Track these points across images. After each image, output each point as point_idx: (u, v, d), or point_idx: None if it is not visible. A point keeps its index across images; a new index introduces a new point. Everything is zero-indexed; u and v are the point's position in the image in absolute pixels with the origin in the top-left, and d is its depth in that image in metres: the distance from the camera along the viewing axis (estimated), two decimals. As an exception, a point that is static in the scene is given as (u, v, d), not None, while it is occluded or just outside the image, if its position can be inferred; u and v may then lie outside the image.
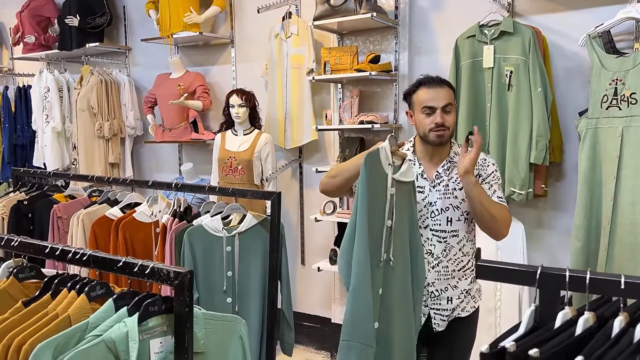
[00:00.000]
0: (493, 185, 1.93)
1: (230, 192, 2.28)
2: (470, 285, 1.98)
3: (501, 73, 2.69)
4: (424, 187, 1.94)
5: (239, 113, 3.35)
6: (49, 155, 4.52)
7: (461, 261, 1.95)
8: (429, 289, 1.95)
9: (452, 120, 1.91)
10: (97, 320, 1.15)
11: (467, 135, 1.89)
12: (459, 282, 1.95)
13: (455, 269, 1.94)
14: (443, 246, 1.93)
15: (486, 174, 1.94)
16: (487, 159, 1.97)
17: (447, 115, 1.89)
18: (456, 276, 1.95)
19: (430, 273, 1.94)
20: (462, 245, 1.94)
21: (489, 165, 1.95)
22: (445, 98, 1.89)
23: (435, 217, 1.93)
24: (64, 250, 1.29)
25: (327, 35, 3.53)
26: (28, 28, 4.80)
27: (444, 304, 1.95)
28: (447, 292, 1.95)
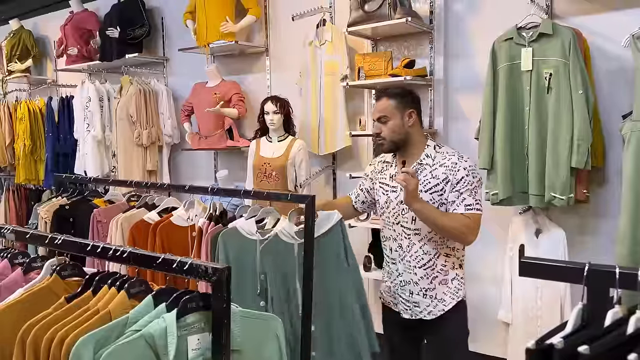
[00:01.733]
0: (463, 193, 1.99)
1: (265, 196, 2.29)
2: (431, 285, 2.08)
3: (540, 76, 2.64)
4: (396, 187, 2.11)
5: (274, 120, 3.38)
6: (89, 163, 4.65)
7: (422, 259, 2.08)
8: (399, 279, 2.15)
9: (387, 131, 2.07)
10: (136, 316, 1.16)
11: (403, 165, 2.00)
12: (420, 280, 2.09)
13: (416, 265, 2.08)
14: (407, 242, 2.10)
15: (455, 180, 2.00)
16: (458, 162, 2.02)
17: (383, 125, 2.07)
18: (418, 273, 2.09)
19: (400, 264, 2.14)
20: (423, 244, 2.07)
21: (459, 170, 2.00)
22: (379, 110, 2.09)
23: (405, 214, 2.08)
24: (104, 247, 1.32)
25: (361, 42, 3.53)
26: (71, 40, 4.98)
27: (406, 295, 2.13)
28: (409, 286, 2.11)
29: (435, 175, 2.03)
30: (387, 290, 2.26)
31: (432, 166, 2.05)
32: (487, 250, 3.20)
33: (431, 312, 2.10)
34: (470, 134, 3.12)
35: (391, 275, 2.20)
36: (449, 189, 2.00)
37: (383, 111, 2.08)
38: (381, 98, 2.10)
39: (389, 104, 2.07)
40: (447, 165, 2.02)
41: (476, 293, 3.26)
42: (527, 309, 2.91)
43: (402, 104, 2.08)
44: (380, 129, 2.08)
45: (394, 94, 2.10)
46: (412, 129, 2.09)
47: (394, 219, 2.13)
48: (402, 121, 2.07)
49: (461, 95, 3.22)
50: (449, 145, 3.25)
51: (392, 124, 2.07)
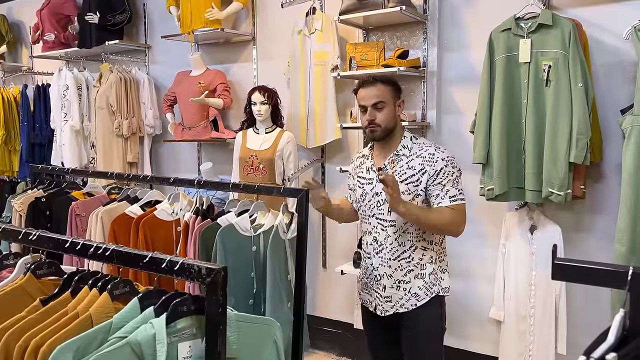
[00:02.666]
0: (446, 184, 1.98)
1: (256, 190, 2.19)
2: (405, 278, 2.06)
3: (539, 68, 2.56)
4: (372, 179, 2.10)
5: (261, 111, 3.26)
6: (67, 153, 4.47)
7: (397, 250, 2.05)
8: (374, 273, 2.12)
9: (383, 117, 2.02)
10: (121, 321, 1.05)
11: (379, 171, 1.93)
12: (394, 272, 2.07)
13: (391, 257, 2.06)
14: (384, 234, 2.07)
15: (434, 171, 1.99)
16: (435, 153, 2.02)
17: (378, 112, 2.02)
18: (392, 265, 2.06)
19: (375, 258, 2.11)
20: (399, 235, 2.05)
21: (437, 161, 2.00)
22: (376, 96, 2.02)
23: (380, 206, 2.07)
24: (85, 245, 1.20)
25: (352, 31, 3.42)
26: (48, 26, 4.77)
27: (380, 289, 2.10)
28: (383, 280, 2.09)
29: (411, 166, 2.03)
30: (363, 287, 2.23)
31: (408, 157, 2.04)
32: (479, 247, 3.14)
33: (403, 305, 2.08)
34: (464, 127, 3.05)
35: (367, 271, 2.17)
36: (425, 180, 1.99)
37: (380, 97, 2.02)
38: (375, 84, 2.04)
39: (385, 90, 2.04)
40: (423, 156, 2.02)
41: (468, 290, 3.20)
42: (520, 307, 2.85)
43: (395, 92, 2.07)
44: (374, 115, 2.03)
45: (388, 81, 2.07)
46: (398, 119, 2.10)
47: (370, 212, 2.11)
48: (395, 109, 2.07)
49: (455, 87, 3.14)
50: (441, 138, 3.20)
51: (388, 110, 2.03)
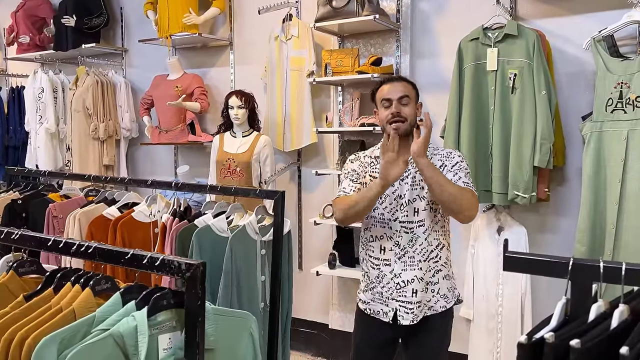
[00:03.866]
0: (459, 172, 1.96)
1: (233, 192, 2.24)
2: (435, 279, 2.00)
3: (505, 76, 2.68)
4: None
5: (238, 114, 3.31)
6: (41, 156, 4.45)
7: (427, 250, 1.98)
8: (396, 281, 2.00)
9: (409, 112, 1.97)
10: (103, 314, 1.10)
11: (416, 123, 1.96)
12: (425, 275, 1.98)
13: (421, 259, 1.98)
14: (410, 236, 1.98)
15: (451, 164, 1.98)
16: (453, 152, 2.04)
17: (404, 107, 1.97)
18: (423, 267, 1.98)
19: (397, 264, 1.99)
20: (428, 234, 1.98)
21: (454, 157, 2.00)
22: (402, 91, 1.98)
23: (404, 208, 1.98)
24: (67, 243, 1.24)
25: (327, 38, 3.51)
26: (23, 28, 4.75)
27: (408, 296, 1.98)
28: (413, 284, 1.98)
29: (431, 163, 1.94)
30: (375, 297, 2.06)
31: (427, 157, 1.90)
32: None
33: (432, 308, 2.01)
34: (435, 132, 3.14)
35: (381, 279, 2.02)
36: (445, 173, 1.93)
37: (406, 92, 1.98)
38: (400, 80, 2.03)
39: (410, 87, 2.01)
40: (442, 154, 2.01)
41: (439, 290, 3.29)
42: (489, 305, 2.96)
43: (416, 93, 2.04)
44: (400, 108, 1.95)
45: (411, 81, 2.05)
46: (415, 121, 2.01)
47: (391, 215, 1.99)
48: (415, 109, 2.02)
49: (427, 93, 3.23)
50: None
51: (411, 107, 1.99)
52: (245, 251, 2.10)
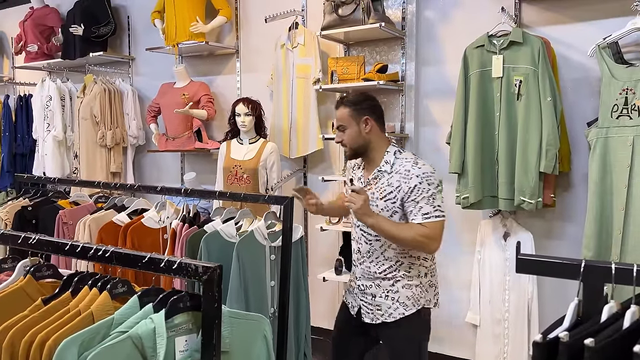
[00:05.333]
0: (419, 201, 1.96)
1: (242, 198, 2.26)
2: (394, 287, 2.07)
3: (510, 82, 2.71)
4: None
5: (245, 122, 3.34)
6: (49, 163, 4.49)
7: (382, 264, 2.08)
8: (357, 282, 2.18)
9: (348, 138, 2.09)
10: (122, 317, 1.12)
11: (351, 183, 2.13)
12: (381, 282, 2.09)
13: (377, 271, 2.09)
14: (368, 247, 2.11)
15: (408, 188, 1.98)
16: (411, 170, 2.00)
17: (342, 133, 2.10)
18: (378, 277, 2.10)
19: (357, 268, 2.17)
20: (384, 249, 2.07)
21: (411, 178, 1.98)
22: (338, 119, 2.12)
23: (357, 219, 2.07)
24: (84, 247, 1.27)
25: (333, 46, 3.54)
26: (31, 37, 4.80)
27: (369, 299, 2.13)
28: (371, 290, 2.12)
29: (390, 183, 2.03)
30: (350, 289, 2.27)
31: (389, 174, 2.04)
32: (455, 253, 3.25)
33: (391, 315, 2.08)
34: (441, 139, 3.18)
35: (355, 275, 2.23)
36: (401, 197, 1.99)
37: (340, 120, 2.10)
38: (339, 107, 2.12)
39: (344, 112, 2.09)
40: (401, 173, 2.01)
41: (444, 296, 3.29)
42: (495, 311, 2.97)
43: (356, 111, 2.08)
44: (341, 137, 2.11)
45: (349, 102, 2.10)
46: (371, 135, 2.08)
47: (355, 221, 2.16)
48: (359, 128, 2.07)
49: (432, 100, 3.27)
50: (419, 149, 3.32)
51: (350, 132, 2.08)
52: (253, 256, 2.11)
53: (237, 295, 2.05)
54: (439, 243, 2.00)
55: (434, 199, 1.97)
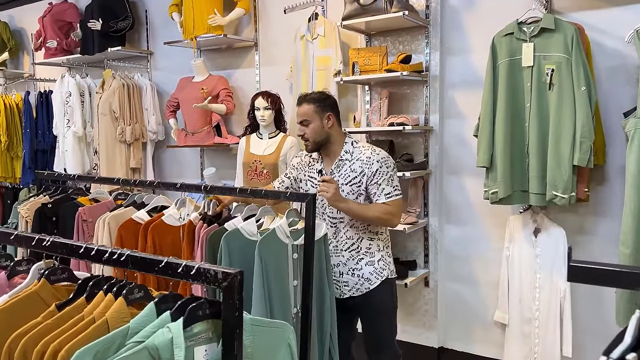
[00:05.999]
0: (381, 183, 2.26)
1: (263, 194, 2.19)
2: (358, 266, 2.34)
3: (541, 72, 2.58)
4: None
5: (265, 116, 3.27)
6: (69, 160, 4.48)
7: (346, 243, 2.35)
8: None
9: (310, 132, 2.32)
10: (138, 326, 1.05)
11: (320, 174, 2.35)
12: (347, 261, 2.35)
13: (342, 248, 2.36)
14: (334, 229, 2.36)
15: (371, 172, 2.26)
16: (371, 156, 2.28)
17: (305, 128, 2.33)
18: (345, 255, 2.35)
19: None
20: (347, 230, 2.34)
21: (372, 164, 2.26)
22: (301, 115, 2.34)
23: (330, 206, 2.30)
24: (99, 250, 1.20)
25: (354, 37, 3.44)
26: (50, 33, 4.79)
27: (337, 276, 2.37)
28: (339, 267, 2.37)
29: (353, 169, 2.29)
30: None
31: (350, 161, 2.31)
32: (482, 249, 3.15)
33: (358, 290, 2.35)
34: (467, 131, 3.07)
35: None
36: (365, 180, 2.27)
37: (305, 115, 2.32)
38: (302, 103, 2.34)
39: (309, 108, 2.32)
40: (362, 159, 2.28)
41: (472, 294, 3.21)
42: (524, 310, 2.86)
43: (320, 108, 2.32)
44: (303, 131, 2.33)
45: (313, 99, 2.34)
46: (332, 129, 2.33)
47: (322, 209, 2.37)
48: (322, 123, 2.32)
49: (458, 91, 3.16)
50: (444, 142, 3.22)
51: (313, 126, 2.31)
52: (275, 255, 2.04)
53: (260, 295, 1.99)
54: (400, 218, 2.37)
55: (392, 180, 2.28)
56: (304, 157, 2.50)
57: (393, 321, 2.48)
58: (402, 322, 3.26)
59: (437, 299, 3.27)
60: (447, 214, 3.26)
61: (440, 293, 3.28)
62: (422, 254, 3.29)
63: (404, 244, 3.34)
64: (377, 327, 2.43)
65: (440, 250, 3.26)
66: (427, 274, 3.26)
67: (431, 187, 3.23)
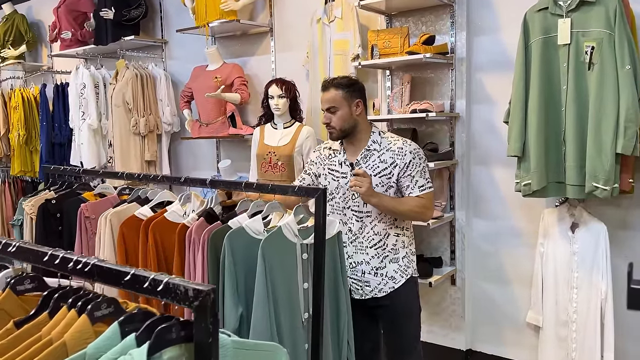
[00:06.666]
0: (415, 175, 2.14)
1: (270, 189, 2.01)
2: (382, 264, 2.20)
3: (580, 50, 2.33)
4: (346, 173, 2.20)
5: (279, 104, 3.09)
6: (85, 153, 4.39)
7: (372, 239, 2.20)
8: (349, 261, 2.23)
9: (337, 120, 2.16)
10: (97, 351, 0.89)
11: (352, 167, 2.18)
12: (371, 260, 2.21)
13: (368, 245, 2.21)
14: (359, 224, 2.21)
15: (404, 164, 2.14)
16: (403, 147, 2.16)
17: (332, 115, 2.17)
18: (369, 253, 2.21)
19: (349, 247, 2.23)
20: (374, 225, 2.19)
21: (405, 155, 2.14)
22: (328, 101, 2.17)
23: (355, 198, 2.19)
24: (65, 258, 1.04)
25: (374, 18, 3.23)
26: (65, 24, 4.70)
27: (359, 275, 2.23)
28: (362, 266, 2.22)
29: (383, 160, 2.16)
30: None
31: (379, 151, 2.17)
32: (514, 245, 2.93)
33: (382, 290, 2.21)
34: (496, 117, 2.84)
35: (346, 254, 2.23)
36: (397, 172, 2.14)
37: (331, 102, 2.16)
38: (328, 89, 2.18)
39: (336, 94, 2.16)
40: (393, 150, 2.16)
41: (502, 292, 2.99)
42: (560, 311, 2.63)
43: (349, 93, 2.16)
44: (329, 118, 2.17)
45: (341, 84, 2.18)
46: (360, 117, 2.19)
47: (344, 204, 2.22)
48: (350, 110, 2.16)
49: (486, 74, 2.92)
50: (472, 130, 2.99)
51: (341, 113, 2.16)
52: (281, 256, 1.87)
53: (262, 301, 1.81)
54: (433, 211, 2.30)
55: (425, 172, 2.17)
56: (323, 150, 2.34)
57: (418, 324, 2.33)
58: (427, 323, 3.07)
59: (465, 298, 3.06)
60: (475, 208, 3.04)
61: (468, 292, 3.07)
62: (448, 250, 3.08)
63: (429, 239, 3.13)
64: (401, 331, 2.28)
65: (467, 246, 3.04)
66: (453, 272, 3.05)
67: (457, 178, 3.01)
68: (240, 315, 1.89)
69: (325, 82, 2.22)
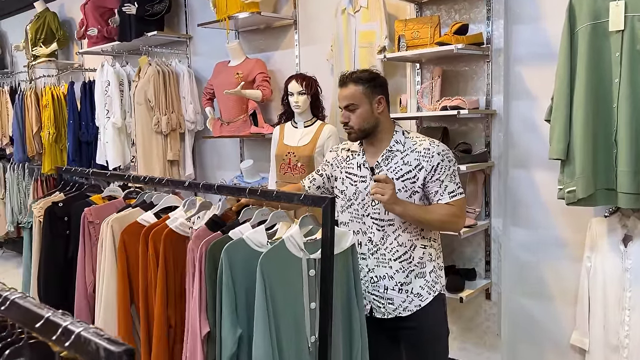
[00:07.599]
0: (444, 180, 1.94)
1: (275, 196, 1.81)
2: (407, 280, 2.00)
3: (635, 37, 2.07)
4: (365, 177, 2.02)
5: (299, 102, 2.90)
6: (110, 152, 4.32)
7: (397, 251, 1.99)
8: (370, 275, 2.04)
9: (356, 118, 1.96)
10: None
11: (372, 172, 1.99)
12: (395, 274, 2.00)
13: (392, 257, 2.00)
14: (381, 234, 2.00)
15: (431, 166, 1.94)
16: (430, 148, 1.95)
17: (351, 113, 1.97)
18: (393, 266, 2.00)
19: (370, 259, 2.03)
20: (398, 235, 1.99)
21: (433, 156, 1.94)
22: (347, 98, 1.97)
23: (376, 205, 1.98)
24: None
25: (402, 7, 2.99)
26: (92, 21, 4.65)
27: (381, 291, 2.02)
28: (384, 281, 2.01)
29: (407, 162, 1.97)
30: None
31: (402, 152, 1.98)
32: (557, 258, 2.64)
33: (407, 308, 2.01)
34: (538, 115, 2.57)
35: (368, 268, 2.06)
36: (423, 176, 1.94)
37: (350, 98, 1.97)
38: (347, 84, 1.98)
39: (356, 89, 1.96)
40: (419, 151, 1.96)
41: (544, 310, 2.71)
42: (610, 334, 2.34)
43: (370, 89, 1.97)
44: (348, 117, 1.98)
45: (361, 79, 1.98)
46: (382, 115, 2.00)
47: (364, 211, 2.03)
48: (371, 108, 1.98)
49: (526, 67, 2.65)
50: (510, 128, 2.71)
51: (361, 111, 1.97)
52: (284, 272, 1.67)
53: (262, 323, 1.62)
54: (465, 219, 2.09)
55: (455, 176, 1.97)
56: (340, 151, 2.16)
57: (445, 348, 2.13)
58: (459, 339, 2.82)
59: (501, 315, 2.79)
60: (514, 215, 2.76)
61: (505, 307, 2.79)
62: (483, 262, 2.82)
63: (461, 249, 2.87)
64: (427, 356, 2.08)
65: (504, 257, 2.77)
66: (488, 285, 2.78)
67: (494, 182, 2.75)
68: (240, 337, 1.71)
69: (343, 77, 2.01)
